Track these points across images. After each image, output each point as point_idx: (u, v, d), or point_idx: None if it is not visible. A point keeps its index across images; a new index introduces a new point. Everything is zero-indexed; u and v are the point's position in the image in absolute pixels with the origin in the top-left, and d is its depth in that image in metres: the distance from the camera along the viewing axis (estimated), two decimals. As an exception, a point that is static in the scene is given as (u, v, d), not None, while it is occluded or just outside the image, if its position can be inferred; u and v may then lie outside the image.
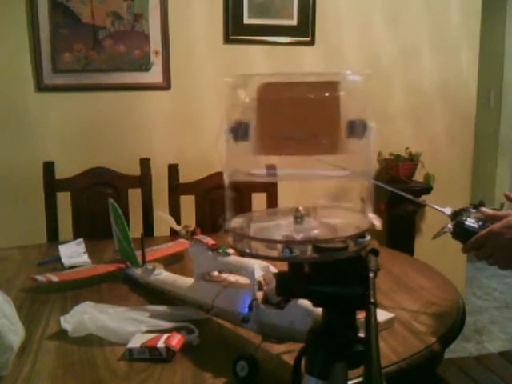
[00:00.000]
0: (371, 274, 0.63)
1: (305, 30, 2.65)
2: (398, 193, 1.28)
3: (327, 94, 0.69)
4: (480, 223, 1.07)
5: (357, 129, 0.67)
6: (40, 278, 1.38)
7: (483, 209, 1.10)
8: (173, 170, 2.09)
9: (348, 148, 0.68)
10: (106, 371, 0.98)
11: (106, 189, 2.08)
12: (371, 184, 0.70)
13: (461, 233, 1.09)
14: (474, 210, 1.10)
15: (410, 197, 1.28)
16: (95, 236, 1.86)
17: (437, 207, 1.13)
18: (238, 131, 0.73)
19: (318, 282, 0.68)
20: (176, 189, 2.09)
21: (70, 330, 1.09)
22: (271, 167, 0.73)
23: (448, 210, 1.13)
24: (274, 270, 1.01)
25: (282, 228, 0.76)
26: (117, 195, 2.05)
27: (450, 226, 1.11)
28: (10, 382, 0.94)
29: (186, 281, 1.21)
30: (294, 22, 2.62)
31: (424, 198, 2.76)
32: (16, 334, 1.04)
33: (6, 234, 2.32)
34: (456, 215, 1.11)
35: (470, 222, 1.08)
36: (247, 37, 2.60)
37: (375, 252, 0.68)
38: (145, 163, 2.11)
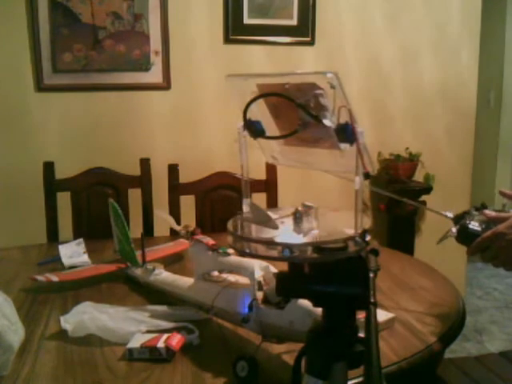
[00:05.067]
0: (371, 274, 0.63)
1: (305, 30, 2.65)
2: (408, 201, 1.28)
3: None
4: (484, 226, 1.07)
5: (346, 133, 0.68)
6: (40, 277, 1.38)
7: (486, 211, 1.09)
8: (173, 169, 2.09)
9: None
10: (106, 371, 0.98)
11: (106, 189, 2.08)
12: (362, 186, 0.70)
13: (465, 236, 1.08)
14: (476, 213, 1.09)
15: (414, 203, 1.27)
16: (95, 236, 1.86)
17: (439, 212, 1.13)
18: None
19: (318, 282, 0.68)
20: (176, 189, 2.09)
21: (69, 330, 1.09)
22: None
23: (450, 214, 1.12)
24: (274, 270, 1.01)
25: (281, 228, 0.76)
26: (117, 195, 2.05)
27: (453, 230, 1.11)
28: (10, 382, 0.94)
29: (186, 281, 1.21)
30: (294, 22, 2.62)
31: (424, 198, 2.76)
32: (16, 334, 1.04)
33: (6, 234, 2.32)
34: (459, 219, 1.10)
35: (474, 225, 1.07)
36: (247, 37, 2.60)
37: (375, 252, 0.68)
38: (145, 163, 2.11)
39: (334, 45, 2.71)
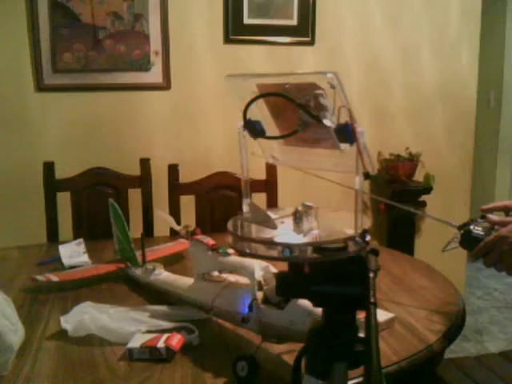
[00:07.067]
0: (371, 274, 0.63)
1: (305, 30, 2.64)
2: (414, 211, 1.27)
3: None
4: (487, 230, 1.07)
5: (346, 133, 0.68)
6: (40, 278, 1.38)
7: (490, 216, 1.08)
8: (173, 169, 2.09)
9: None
10: (106, 371, 0.98)
11: (105, 189, 2.08)
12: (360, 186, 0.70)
13: (469, 241, 1.08)
14: (481, 220, 1.09)
15: (419, 212, 1.27)
16: (95, 236, 1.86)
17: (445, 221, 1.12)
18: None
19: (318, 282, 0.68)
20: (176, 189, 2.09)
21: (70, 330, 1.09)
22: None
23: (455, 223, 1.12)
24: (274, 269, 1.01)
25: (281, 228, 0.76)
26: (117, 195, 2.04)
27: (458, 236, 1.10)
28: (10, 382, 0.94)
29: (186, 281, 1.21)
30: (294, 22, 2.62)
31: (424, 198, 2.76)
32: (16, 334, 1.04)
33: (6, 234, 2.32)
34: (464, 226, 1.10)
35: (478, 229, 1.07)
36: (247, 37, 2.60)
37: (375, 252, 0.68)
38: (145, 163, 2.11)
39: (334, 45, 2.71)
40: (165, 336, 1.03)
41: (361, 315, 0.63)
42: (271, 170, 2.10)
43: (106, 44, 2.45)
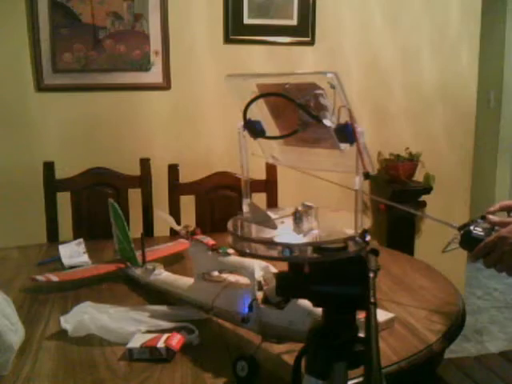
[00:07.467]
0: (371, 274, 0.63)
1: (305, 30, 2.64)
2: (414, 212, 1.27)
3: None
4: (487, 231, 1.06)
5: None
6: (40, 278, 1.38)
7: (490, 216, 1.08)
8: (173, 169, 2.09)
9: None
10: (106, 371, 0.98)
11: (105, 189, 2.08)
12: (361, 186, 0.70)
13: (469, 242, 1.08)
14: (481, 221, 1.09)
15: (420, 213, 1.27)
16: (95, 236, 1.86)
17: (445, 221, 1.12)
18: None
19: (318, 282, 0.68)
20: (176, 189, 2.09)
21: (70, 330, 1.09)
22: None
23: (456, 224, 1.12)
24: (274, 269, 1.01)
25: (281, 228, 0.76)
26: (117, 195, 2.04)
27: (458, 237, 1.10)
28: (10, 382, 0.94)
29: (186, 281, 1.21)
30: (294, 22, 2.62)
31: (424, 198, 2.76)
32: (16, 334, 1.04)
33: (6, 234, 2.32)
34: (464, 227, 1.10)
35: (478, 230, 1.07)
36: (247, 37, 2.60)
37: (375, 252, 0.68)
38: (145, 163, 2.11)
39: (334, 45, 2.71)
40: (165, 336, 1.03)
41: (361, 315, 0.63)
42: (271, 169, 2.10)
43: (106, 44, 2.45)
